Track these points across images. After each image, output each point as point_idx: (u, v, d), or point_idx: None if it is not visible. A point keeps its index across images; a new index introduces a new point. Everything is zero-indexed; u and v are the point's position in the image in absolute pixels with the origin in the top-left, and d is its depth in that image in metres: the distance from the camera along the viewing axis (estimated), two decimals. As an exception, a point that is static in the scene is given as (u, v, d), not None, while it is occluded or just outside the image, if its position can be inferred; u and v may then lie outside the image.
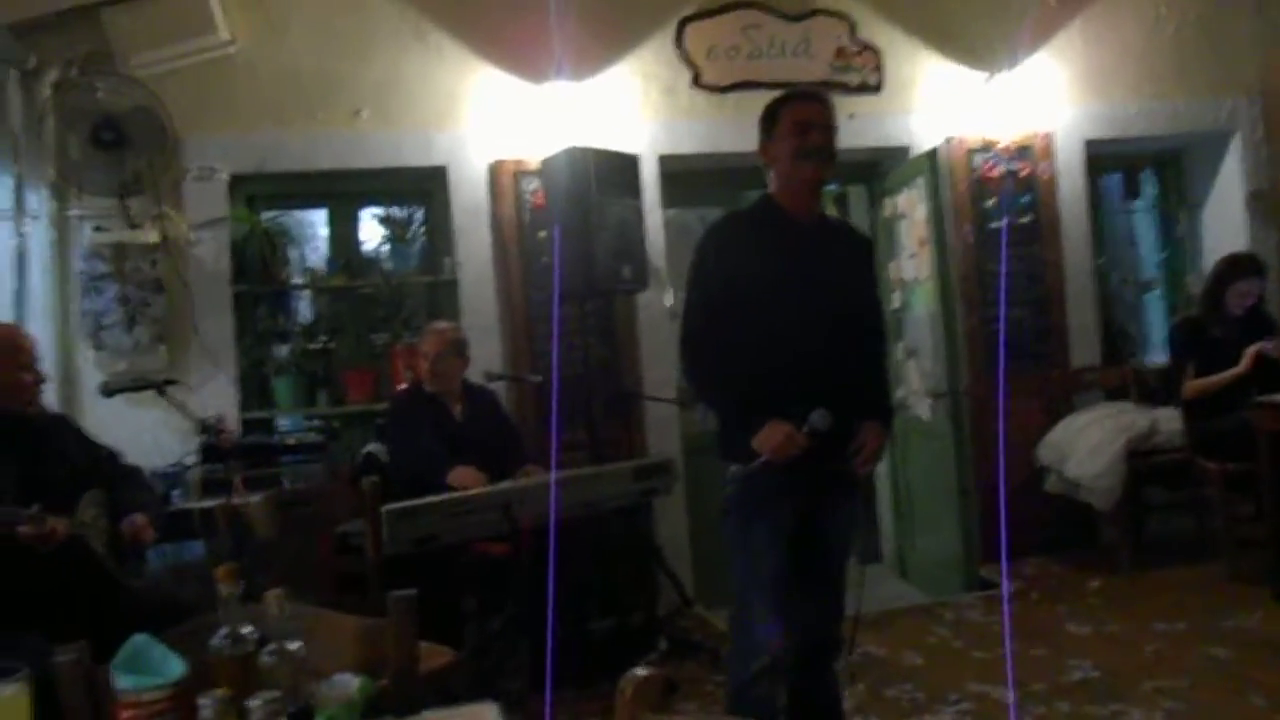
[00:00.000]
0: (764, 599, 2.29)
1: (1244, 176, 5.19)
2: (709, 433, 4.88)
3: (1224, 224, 5.31)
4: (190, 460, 3.69)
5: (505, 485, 3.23)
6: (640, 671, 1.09)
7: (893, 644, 3.68)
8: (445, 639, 2.50)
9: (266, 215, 4.42)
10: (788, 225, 2.37)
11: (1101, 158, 5.24)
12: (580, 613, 3.54)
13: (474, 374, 3.86)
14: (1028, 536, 4.60)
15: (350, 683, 1.31)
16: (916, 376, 4.80)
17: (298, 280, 4.49)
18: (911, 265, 4.79)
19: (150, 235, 3.94)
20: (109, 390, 3.15)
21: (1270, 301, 4.65)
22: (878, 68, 4.75)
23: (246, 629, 1.35)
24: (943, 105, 4.82)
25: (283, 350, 4.33)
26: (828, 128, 2.35)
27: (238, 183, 4.22)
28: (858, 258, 2.52)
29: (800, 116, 2.34)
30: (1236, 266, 4.29)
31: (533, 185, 4.33)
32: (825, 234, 2.43)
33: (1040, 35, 4.91)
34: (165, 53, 3.98)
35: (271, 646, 1.33)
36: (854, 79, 4.71)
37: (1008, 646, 3.56)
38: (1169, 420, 4.41)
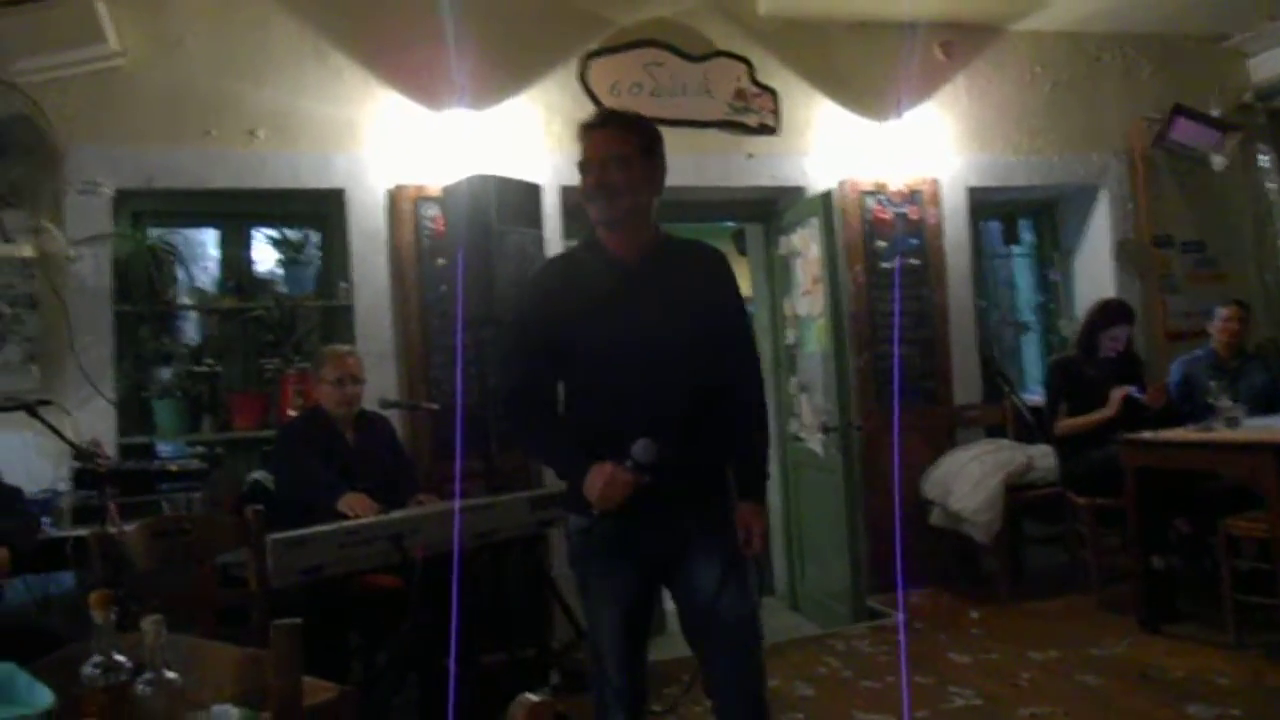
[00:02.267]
0: (603, 663, 2.14)
1: (1112, 227, 5.53)
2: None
3: (1094, 271, 5.64)
4: (63, 486, 3.50)
5: (397, 514, 3.17)
6: (531, 697, 1.08)
7: (785, 675, 3.73)
8: (331, 674, 2.42)
9: (154, 233, 4.27)
10: (607, 262, 2.16)
11: (983, 205, 5.51)
12: (472, 646, 3.49)
13: (369, 401, 3.78)
14: (913, 568, 4.74)
15: (230, 714, 1.26)
16: (809, 411, 4.92)
17: (185, 301, 4.33)
18: (805, 302, 4.92)
19: (26, 250, 3.76)
20: (-26, 410, 2.98)
21: (1138, 344, 4.95)
22: (775, 110, 4.90)
23: (120, 657, 1.29)
24: (836, 149, 5.00)
25: (166, 373, 4.16)
26: (607, 159, 2.10)
27: (124, 198, 4.07)
28: (701, 281, 2.20)
29: (583, 155, 2.16)
30: (1108, 312, 4.54)
31: (433, 212, 4.30)
32: (653, 266, 2.16)
33: (927, 87, 5.17)
34: (49, 60, 3.83)
35: (147, 676, 1.28)
36: (753, 120, 4.84)
37: (904, 675, 3.64)
38: (1043, 456, 4.63)
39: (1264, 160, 5.77)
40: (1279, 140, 5.79)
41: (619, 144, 2.12)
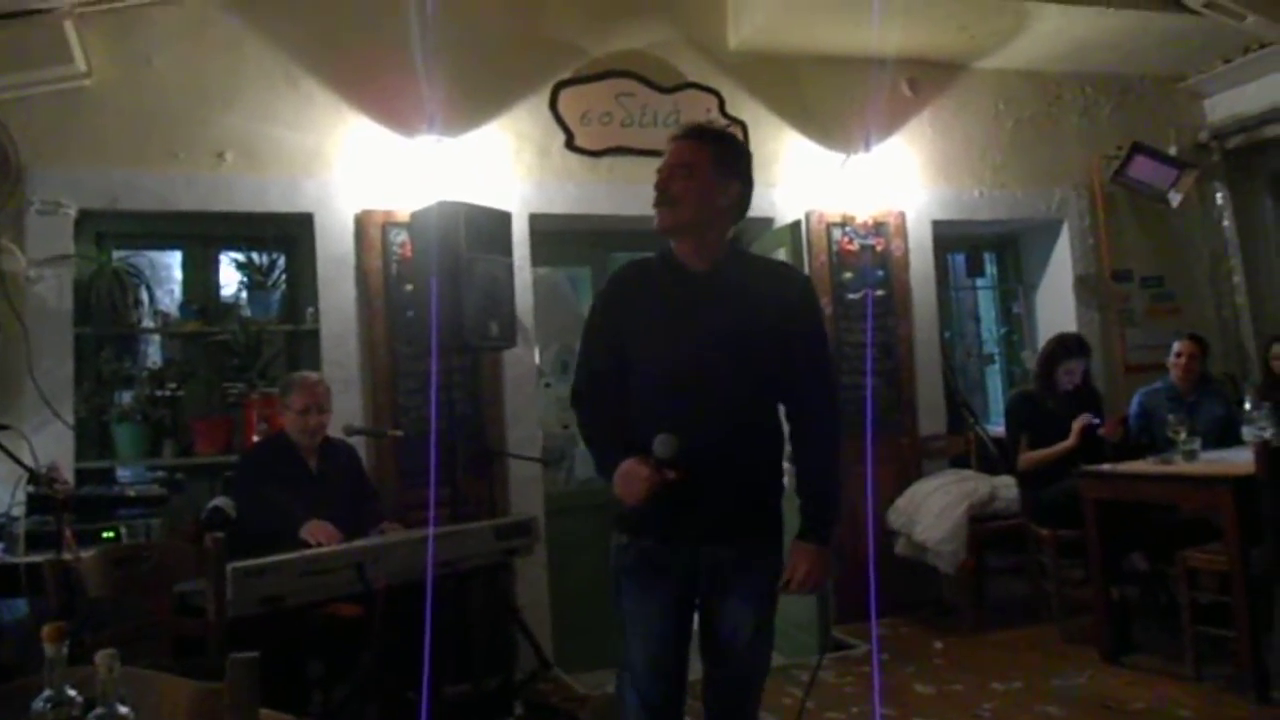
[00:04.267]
0: (634, 683, 2.13)
1: (1073, 261, 5.63)
2: (571, 493, 4.92)
3: (1055, 304, 5.74)
4: (17, 511, 3.42)
5: (360, 543, 3.14)
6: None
7: (748, 705, 3.71)
8: (290, 706, 2.38)
9: (118, 255, 4.22)
10: (675, 273, 2.13)
11: (948, 238, 5.60)
12: (435, 676, 3.44)
13: (334, 428, 3.75)
14: (878, 598, 4.74)
15: (184, 750, 1.24)
16: (776, 440, 4.92)
17: (148, 324, 4.27)
18: (773, 332, 4.94)
19: (-15, 270, 3.70)
20: (-72, 434, 2.91)
21: (1097, 377, 5.02)
22: (744, 142, 4.94)
23: (72, 692, 1.26)
24: (804, 181, 5.06)
25: (127, 397, 4.09)
26: (674, 167, 2.08)
27: (87, 219, 4.02)
28: (773, 301, 2.10)
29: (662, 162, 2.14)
30: (1063, 347, 4.61)
31: (401, 237, 4.29)
32: (720, 279, 2.10)
33: (893, 122, 5.25)
34: (14, 79, 3.79)
35: (99, 711, 1.25)
36: (722, 151, 4.88)
37: (877, 710, 3.64)
38: (1007, 488, 4.68)
39: (1219, 198, 5.92)
40: (1234, 179, 5.94)
41: (688, 153, 2.09)
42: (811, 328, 2.17)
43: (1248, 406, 4.15)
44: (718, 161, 2.10)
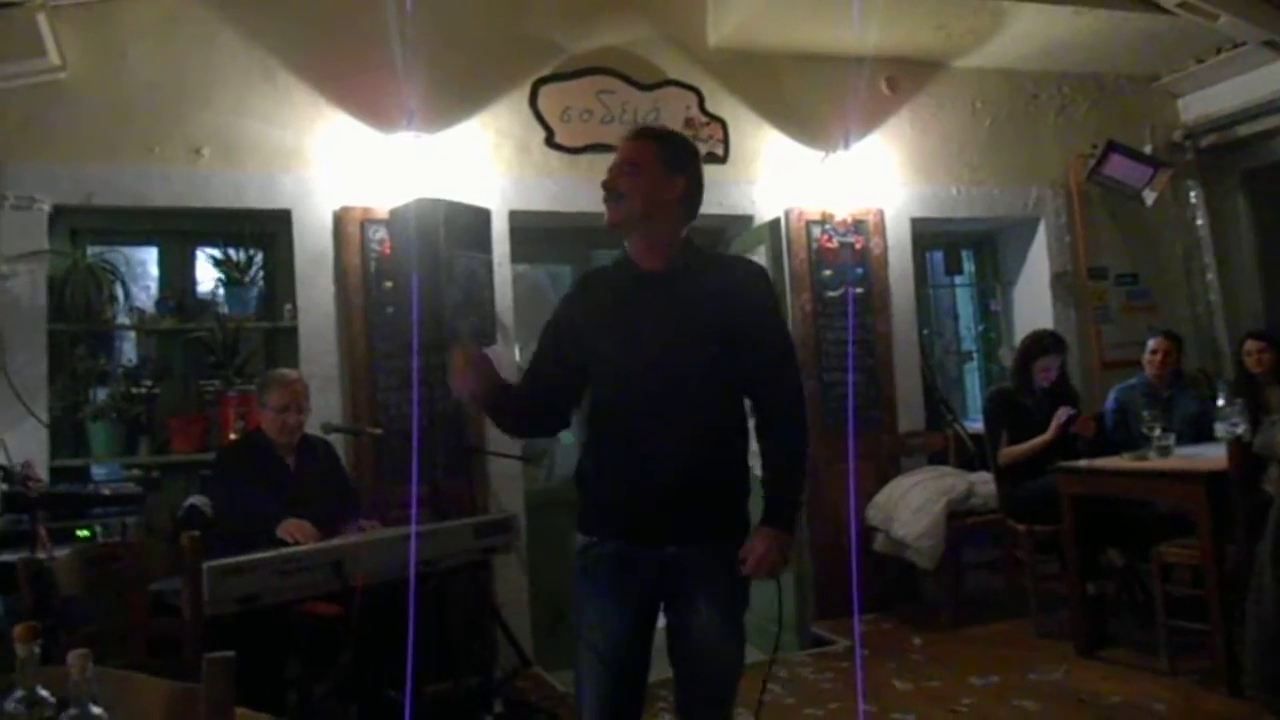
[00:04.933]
0: (580, 688, 2.11)
1: (1050, 259, 5.68)
2: (551, 490, 4.91)
3: (1033, 301, 5.78)
4: (-10, 510, 3.39)
5: (337, 541, 3.12)
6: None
7: (727, 701, 3.72)
8: (266, 705, 2.37)
9: (93, 251, 4.17)
10: (631, 276, 2.15)
11: (926, 235, 5.63)
12: (415, 675, 3.43)
13: (312, 425, 3.73)
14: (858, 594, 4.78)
15: (159, 750, 1.23)
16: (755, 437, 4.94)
17: (123, 320, 4.23)
18: (753, 329, 4.95)
19: (-44, 266, 3.66)
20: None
21: (1074, 373, 5.06)
22: (724, 139, 4.96)
23: (44, 693, 1.25)
24: (784, 178, 5.07)
25: (102, 394, 4.05)
26: (622, 165, 2.12)
27: (61, 215, 3.98)
28: (728, 296, 2.10)
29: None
30: (1038, 343, 4.63)
31: (380, 234, 4.27)
32: (673, 278, 2.11)
33: (873, 120, 5.28)
34: (-15, 74, 3.75)
35: (72, 712, 1.24)
36: (702, 148, 4.88)
37: (860, 707, 3.65)
38: (984, 483, 4.71)
39: (1193, 196, 5.98)
40: (1207, 177, 6.01)
41: (635, 151, 2.14)
42: (768, 317, 2.18)
43: (1221, 403, 4.20)
44: (661, 158, 2.13)
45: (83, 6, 3.93)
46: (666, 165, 2.14)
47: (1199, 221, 5.98)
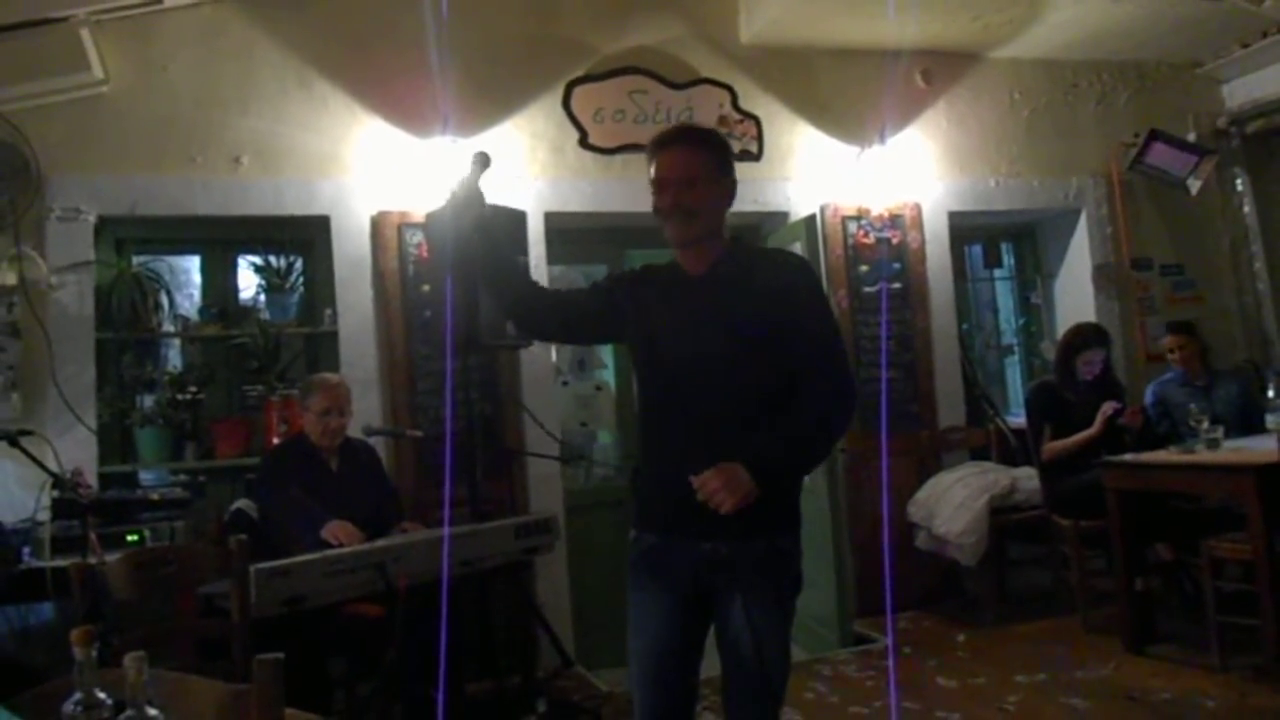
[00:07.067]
0: (633, 680, 2.13)
1: (1091, 250, 5.59)
2: (591, 490, 4.93)
3: (1074, 293, 5.69)
4: (43, 516, 3.45)
5: (381, 543, 3.15)
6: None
7: (770, 700, 3.71)
8: (313, 705, 2.40)
9: (137, 260, 4.26)
10: (673, 278, 2.15)
11: (964, 229, 5.57)
12: (457, 674, 3.46)
13: (353, 428, 3.77)
14: (899, 591, 4.74)
15: (213, 751, 1.25)
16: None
17: (168, 328, 4.31)
18: (790, 327, 4.92)
19: (7, 277, 3.74)
20: (-45, 441, 2.95)
21: (1118, 366, 4.98)
22: (758, 136, 4.94)
23: (102, 695, 1.27)
24: (819, 174, 5.04)
25: (148, 401, 4.13)
26: (681, 181, 2.05)
27: (107, 225, 4.06)
28: (771, 292, 2.05)
29: (655, 174, 2.10)
30: (1081, 336, 4.57)
31: (417, 238, 4.31)
32: (716, 278, 2.09)
33: (908, 114, 5.23)
34: (33, 88, 3.83)
35: (129, 713, 1.26)
36: (735, 146, 4.88)
37: (894, 702, 3.63)
38: (1027, 479, 4.65)
39: (1240, 184, 5.86)
40: (1254, 164, 5.88)
41: (691, 166, 2.07)
42: (812, 309, 2.10)
43: (1270, 394, 4.10)
44: (720, 166, 2.12)
45: (124, 21, 4.00)
46: (720, 169, 2.13)
47: (1246, 210, 5.85)
